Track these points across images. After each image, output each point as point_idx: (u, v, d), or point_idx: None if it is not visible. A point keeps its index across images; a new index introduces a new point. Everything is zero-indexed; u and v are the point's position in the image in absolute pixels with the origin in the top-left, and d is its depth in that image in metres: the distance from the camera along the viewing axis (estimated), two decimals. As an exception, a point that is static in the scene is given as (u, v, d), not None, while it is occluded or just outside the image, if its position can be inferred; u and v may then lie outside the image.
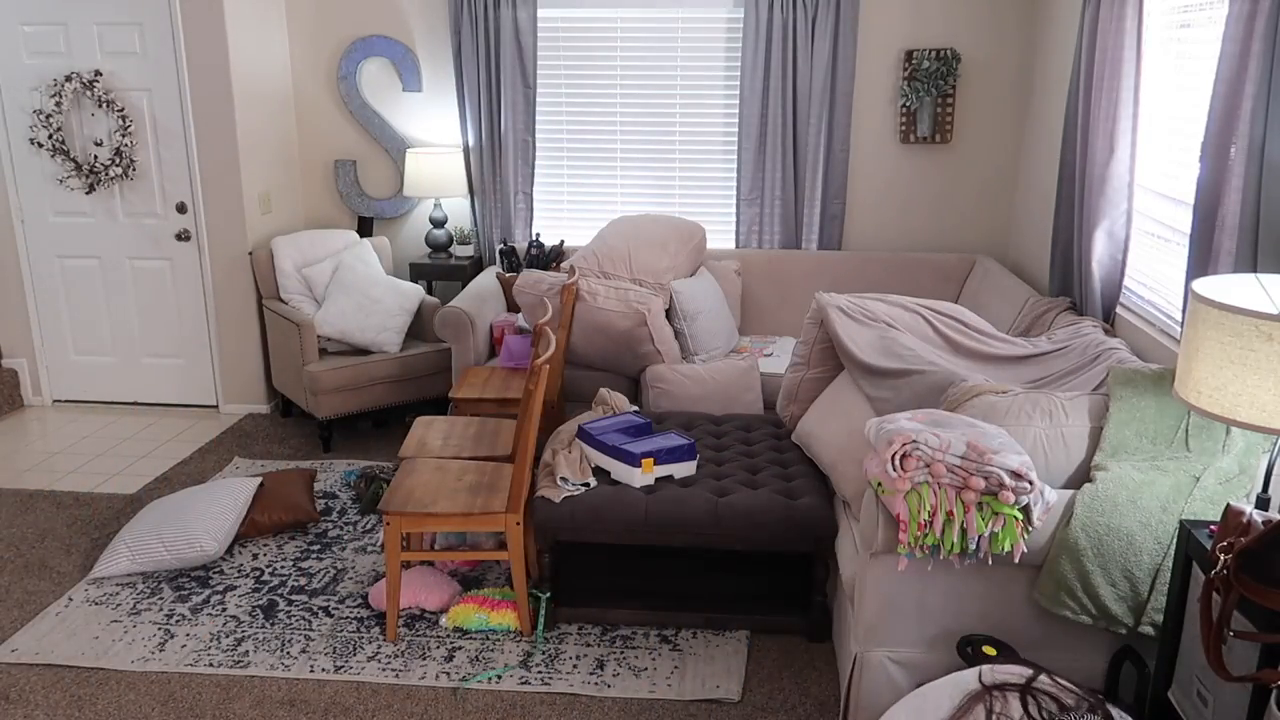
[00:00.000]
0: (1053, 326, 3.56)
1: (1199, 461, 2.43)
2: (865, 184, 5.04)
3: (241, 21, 4.72)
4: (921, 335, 3.15)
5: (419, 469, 3.26)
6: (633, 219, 4.65)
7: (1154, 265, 3.39)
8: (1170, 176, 3.29)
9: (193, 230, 4.90)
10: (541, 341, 3.13)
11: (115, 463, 4.50)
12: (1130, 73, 3.29)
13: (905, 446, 2.35)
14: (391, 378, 4.64)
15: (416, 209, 5.34)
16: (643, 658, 3.04)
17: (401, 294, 4.71)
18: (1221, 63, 2.52)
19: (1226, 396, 1.94)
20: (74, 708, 2.81)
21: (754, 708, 2.83)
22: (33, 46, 4.74)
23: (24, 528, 3.87)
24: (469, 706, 2.82)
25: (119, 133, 4.73)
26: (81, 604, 3.33)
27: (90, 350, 5.16)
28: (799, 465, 3.30)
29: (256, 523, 3.72)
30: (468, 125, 5.05)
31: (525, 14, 4.83)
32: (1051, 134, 4.42)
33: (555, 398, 4.14)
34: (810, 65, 4.75)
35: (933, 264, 4.87)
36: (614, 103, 5.07)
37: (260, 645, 3.10)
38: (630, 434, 3.30)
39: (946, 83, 4.78)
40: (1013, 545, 2.33)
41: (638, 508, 3.05)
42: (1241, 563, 1.83)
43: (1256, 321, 1.87)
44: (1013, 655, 2.42)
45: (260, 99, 4.92)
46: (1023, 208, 4.83)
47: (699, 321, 4.36)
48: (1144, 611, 2.39)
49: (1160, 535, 2.36)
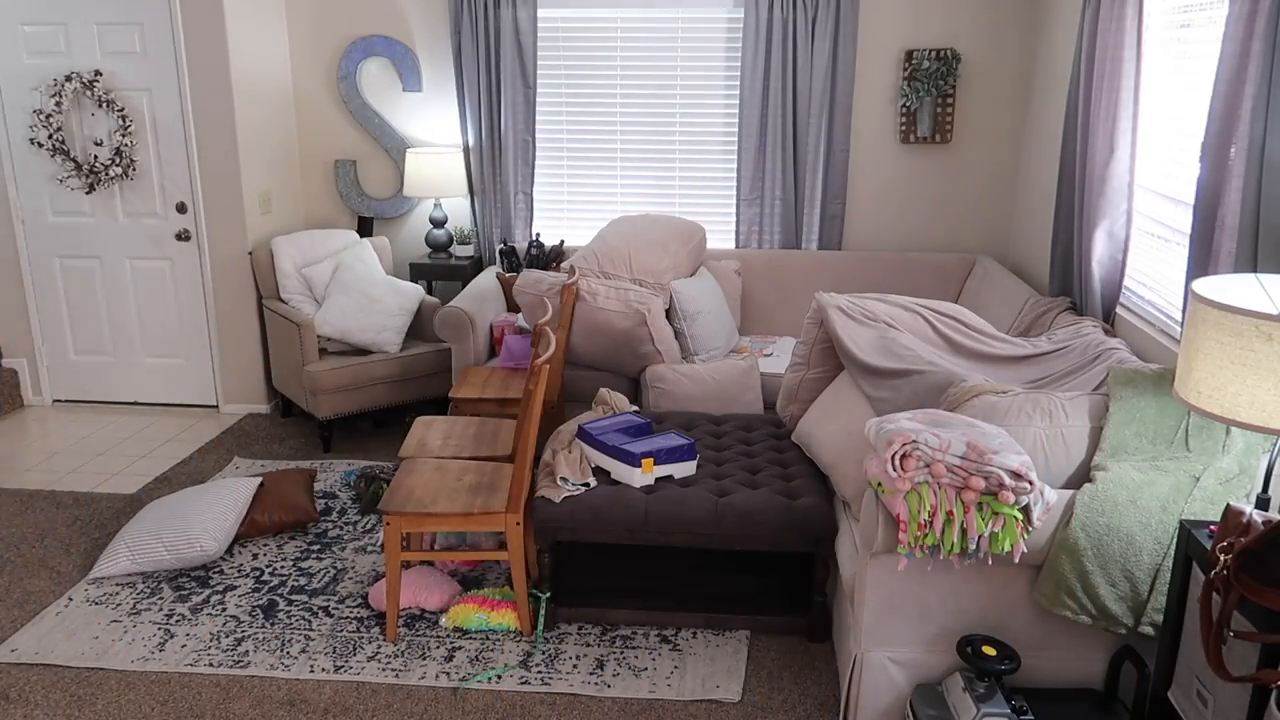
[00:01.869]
0: (1053, 326, 3.56)
1: (1199, 461, 2.43)
2: (865, 184, 5.04)
3: (241, 21, 4.72)
4: (921, 335, 3.15)
5: (419, 469, 3.26)
6: (633, 219, 4.65)
7: (1154, 265, 3.39)
8: (1170, 176, 3.29)
9: (193, 230, 4.90)
10: (541, 341, 3.13)
11: (115, 463, 4.50)
12: (1130, 73, 3.28)
13: (905, 446, 2.35)
14: (391, 378, 4.64)
15: (416, 209, 5.34)
16: (643, 658, 3.04)
17: (401, 294, 4.71)
18: (1221, 63, 2.52)
19: (1226, 396, 1.94)
20: (74, 708, 2.81)
21: (754, 708, 2.83)
22: (33, 46, 4.74)
23: (24, 528, 3.87)
24: (469, 706, 2.82)
25: (119, 133, 4.73)
26: (81, 604, 3.33)
27: (90, 350, 5.16)
28: (799, 465, 3.30)
29: (256, 523, 3.72)
30: (468, 125, 5.05)
31: (525, 14, 4.83)
32: (1051, 134, 4.42)
33: (555, 398, 4.14)
34: (810, 65, 4.75)
35: (933, 264, 4.87)
36: (614, 103, 5.07)
37: (260, 645, 3.10)
38: (630, 434, 3.30)
39: (946, 83, 4.78)
40: (1013, 545, 2.33)
41: (638, 508, 3.05)
42: (1241, 563, 1.84)
43: (1256, 321, 1.87)
44: (1013, 655, 2.42)
45: (260, 99, 4.92)
46: (1023, 208, 4.83)
47: (699, 321, 4.36)
48: (1144, 611, 2.39)
49: (1160, 535, 2.36)
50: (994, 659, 2.41)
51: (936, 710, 2.47)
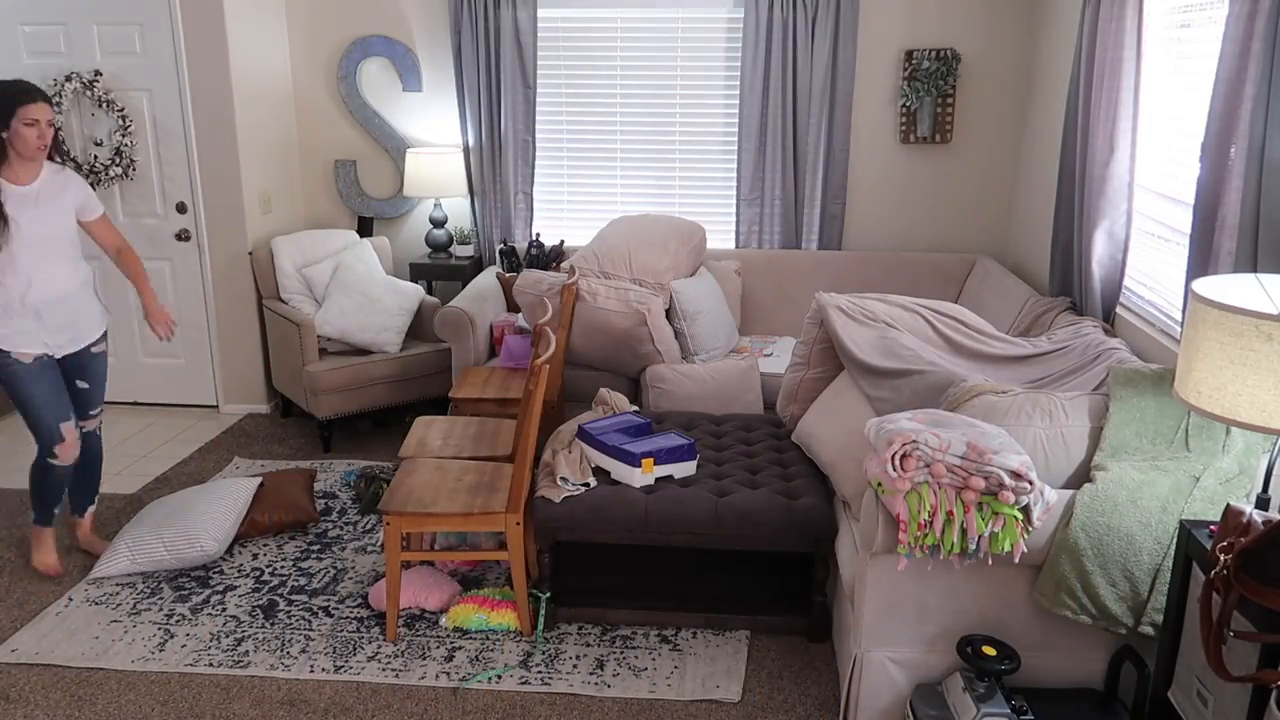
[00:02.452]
0: (1053, 326, 3.56)
1: (1199, 461, 2.43)
2: (865, 184, 5.04)
3: (241, 21, 4.71)
4: (921, 335, 3.15)
5: (419, 469, 3.26)
6: (633, 219, 4.65)
7: (1154, 265, 3.39)
8: (1170, 176, 3.29)
9: (193, 230, 4.90)
10: (541, 341, 3.13)
11: (115, 463, 4.50)
12: (1130, 73, 3.28)
13: (905, 446, 2.35)
14: (391, 378, 4.64)
15: (416, 209, 5.34)
16: (643, 658, 3.04)
17: (401, 294, 4.71)
18: (1221, 63, 2.52)
19: (1226, 396, 1.94)
20: (74, 708, 2.81)
21: (754, 708, 2.83)
22: (33, 46, 4.74)
23: (24, 528, 3.87)
24: (469, 706, 2.82)
25: (119, 133, 4.72)
26: (81, 604, 3.33)
27: (90, 350, 5.16)
28: (799, 465, 3.30)
29: (256, 523, 3.72)
30: (468, 125, 5.05)
31: (525, 14, 4.83)
32: (1051, 134, 4.42)
33: (555, 398, 4.14)
34: (810, 65, 4.75)
35: (933, 264, 4.87)
36: (614, 103, 5.07)
37: (260, 645, 3.10)
38: (630, 434, 3.30)
39: (946, 83, 4.78)
40: (1013, 545, 2.33)
41: (638, 508, 3.05)
42: (1241, 563, 1.84)
43: (1256, 321, 1.87)
44: (1013, 655, 2.42)
45: (260, 99, 4.92)
46: (1023, 208, 4.83)
47: (699, 321, 4.36)
48: (1144, 611, 2.39)
49: (1160, 535, 2.36)
50: (994, 659, 2.41)
51: (936, 710, 2.47)
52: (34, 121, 3.10)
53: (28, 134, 3.10)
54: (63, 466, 3.37)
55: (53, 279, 3.26)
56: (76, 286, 3.35)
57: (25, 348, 3.23)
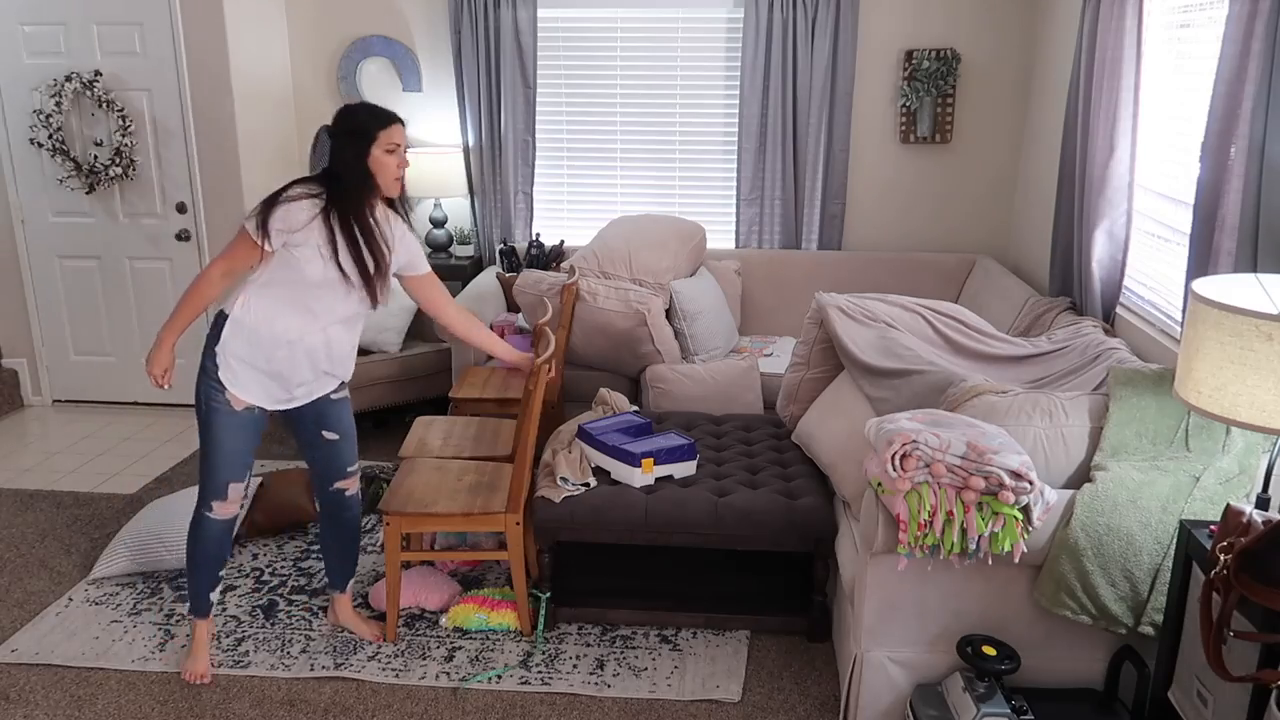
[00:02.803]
0: (1053, 326, 3.56)
1: (1199, 461, 2.43)
2: (865, 184, 5.04)
3: (241, 21, 4.71)
4: (921, 335, 3.15)
5: (419, 469, 3.26)
6: (633, 219, 4.65)
7: (1154, 265, 3.39)
8: (1170, 176, 3.29)
9: (193, 230, 4.90)
10: (541, 341, 3.13)
11: (115, 463, 4.50)
12: (1130, 73, 3.28)
13: (905, 446, 2.35)
14: (391, 378, 4.64)
15: (416, 209, 5.34)
16: (643, 658, 3.04)
17: (401, 294, 4.70)
18: (1221, 63, 2.52)
19: (1226, 396, 1.94)
20: (74, 708, 2.81)
21: (754, 708, 2.83)
22: (33, 46, 4.74)
23: (24, 528, 3.87)
24: (469, 706, 2.82)
25: (119, 133, 4.72)
26: (81, 604, 3.33)
27: (90, 350, 5.16)
28: (799, 465, 3.30)
29: (256, 523, 3.72)
30: (468, 125, 5.05)
31: (525, 14, 4.83)
32: (1051, 134, 4.42)
33: (555, 398, 4.13)
34: (810, 65, 4.75)
35: (933, 264, 4.87)
36: (614, 103, 5.07)
37: (260, 645, 3.10)
38: (630, 434, 3.30)
39: (946, 83, 4.78)
40: (1013, 545, 2.33)
41: (638, 508, 3.05)
42: (1241, 563, 1.84)
43: (1256, 321, 1.87)
44: (1013, 655, 2.42)
45: (260, 99, 4.92)
46: (1023, 208, 4.83)
47: (699, 321, 4.36)
48: (1144, 611, 2.39)
49: (1160, 535, 2.35)
50: (994, 659, 2.41)
51: (936, 710, 2.47)
52: (395, 147, 2.68)
53: (388, 162, 2.68)
54: (219, 521, 2.84)
55: (340, 342, 2.84)
56: (348, 350, 2.91)
57: (245, 395, 2.78)
